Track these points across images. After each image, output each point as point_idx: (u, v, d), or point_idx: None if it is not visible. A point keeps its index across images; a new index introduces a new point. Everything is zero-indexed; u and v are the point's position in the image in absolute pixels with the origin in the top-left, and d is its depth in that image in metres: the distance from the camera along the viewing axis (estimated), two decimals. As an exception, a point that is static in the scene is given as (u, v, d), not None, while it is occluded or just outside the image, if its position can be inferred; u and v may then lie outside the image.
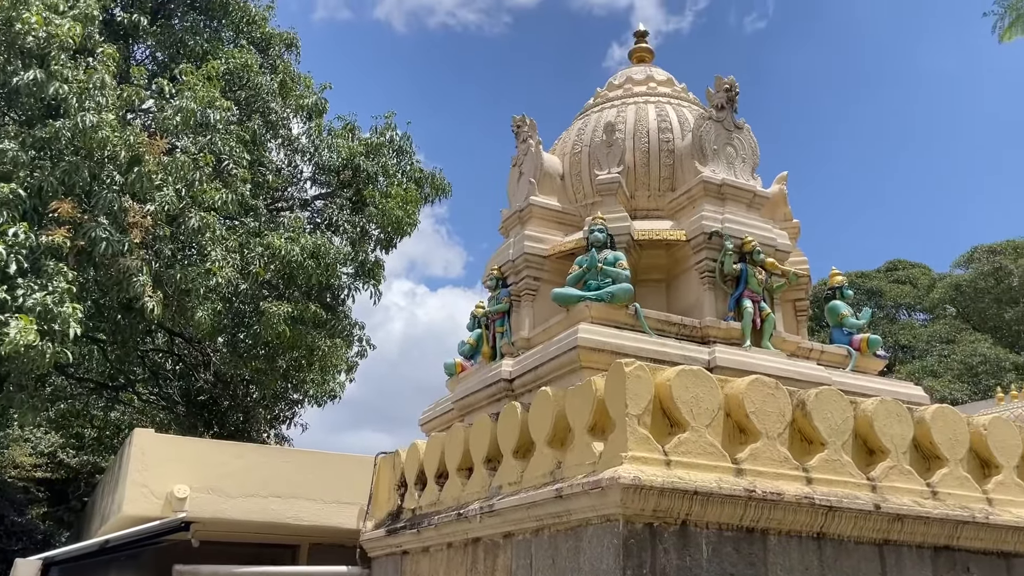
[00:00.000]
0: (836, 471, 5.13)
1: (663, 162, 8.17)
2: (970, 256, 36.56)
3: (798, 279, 7.58)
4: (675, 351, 6.49)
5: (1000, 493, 5.66)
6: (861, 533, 5.01)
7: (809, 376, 6.80)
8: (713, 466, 4.72)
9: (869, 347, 7.68)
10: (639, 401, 4.72)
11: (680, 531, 4.50)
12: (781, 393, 5.20)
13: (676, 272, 7.74)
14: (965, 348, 30.81)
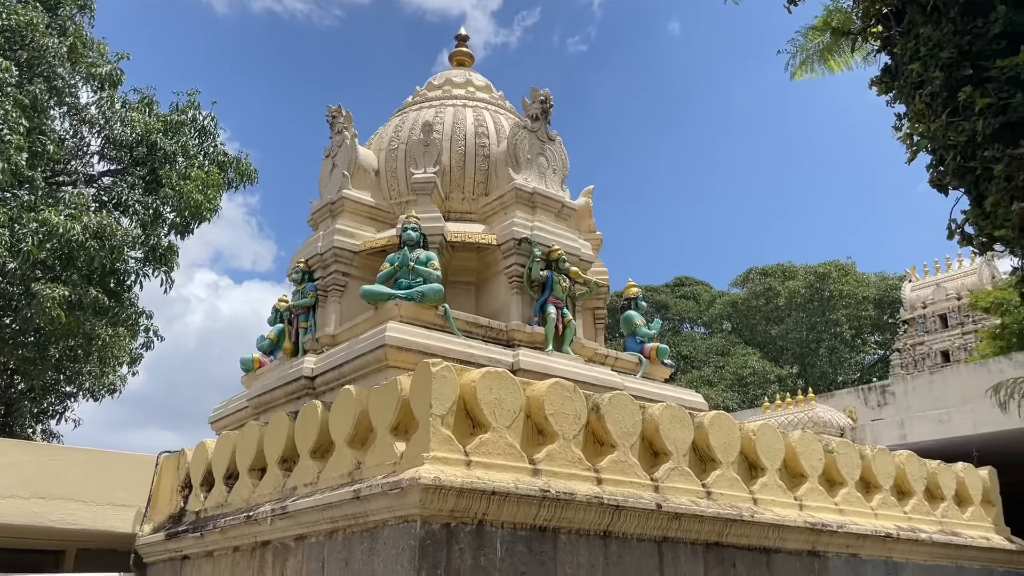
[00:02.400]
0: (624, 472, 5.37)
1: (479, 166, 8.27)
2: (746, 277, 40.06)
3: (599, 288, 7.93)
4: (481, 353, 6.56)
5: (764, 493, 6.17)
6: (644, 531, 5.26)
7: (604, 381, 7.11)
8: (512, 466, 4.79)
9: (658, 355, 8.17)
10: (444, 401, 4.71)
11: (476, 531, 4.53)
12: (578, 396, 5.37)
13: (486, 275, 7.85)
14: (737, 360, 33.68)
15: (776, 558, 6.08)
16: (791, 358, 36.48)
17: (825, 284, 35.49)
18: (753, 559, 5.94)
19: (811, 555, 6.26)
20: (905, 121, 3.91)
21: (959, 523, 7.78)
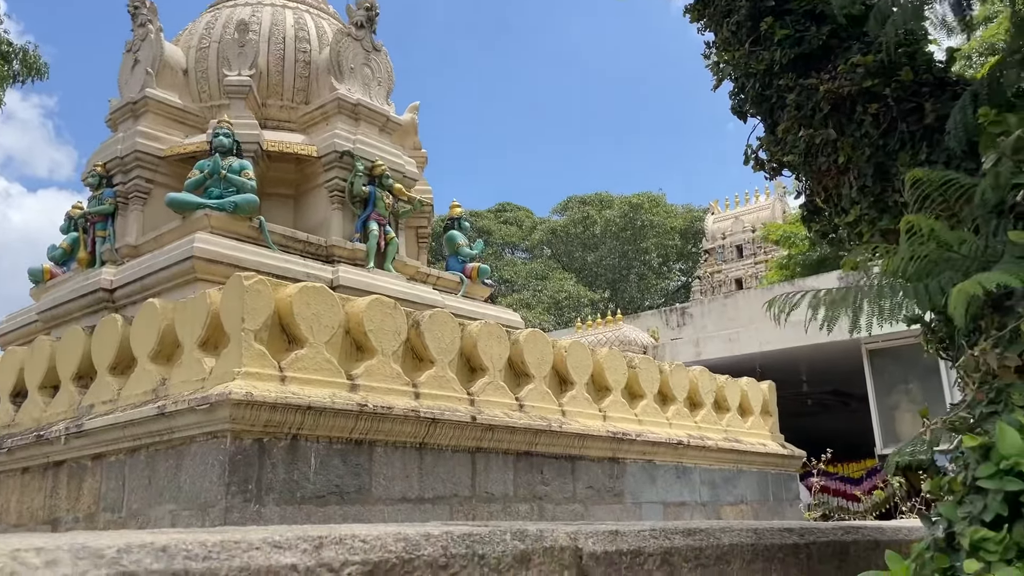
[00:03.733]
0: (442, 386, 5.46)
1: (299, 72, 7.85)
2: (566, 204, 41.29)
3: (423, 206, 7.88)
4: (299, 268, 6.37)
5: (572, 405, 6.51)
6: (459, 442, 5.41)
7: (426, 299, 7.14)
8: (329, 382, 4.74)
9: (479, 275, 8.30)
10: (257, 316, 4.55)
11: (290, 445, 4.47)
12: (399, 313, 5.37)
13: (305, 188, 7.56)
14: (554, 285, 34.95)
15: (580, 465, 6.46)
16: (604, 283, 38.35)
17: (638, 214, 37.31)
18: (560, 466, 6.28)
19: (612, 461, 6.71)
20: (713, 49, 4.10)
21: (741, 431, 8.60)
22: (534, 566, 1.85)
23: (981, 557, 1.83)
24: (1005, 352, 1.95)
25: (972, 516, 1.91)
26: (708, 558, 2.32)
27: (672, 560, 2.21)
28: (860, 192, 3.14)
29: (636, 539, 2.18)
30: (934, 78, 3.12)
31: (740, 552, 2.44)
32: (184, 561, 1.25)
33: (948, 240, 2.25)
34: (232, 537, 1.36)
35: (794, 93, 3.28)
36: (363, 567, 1.48)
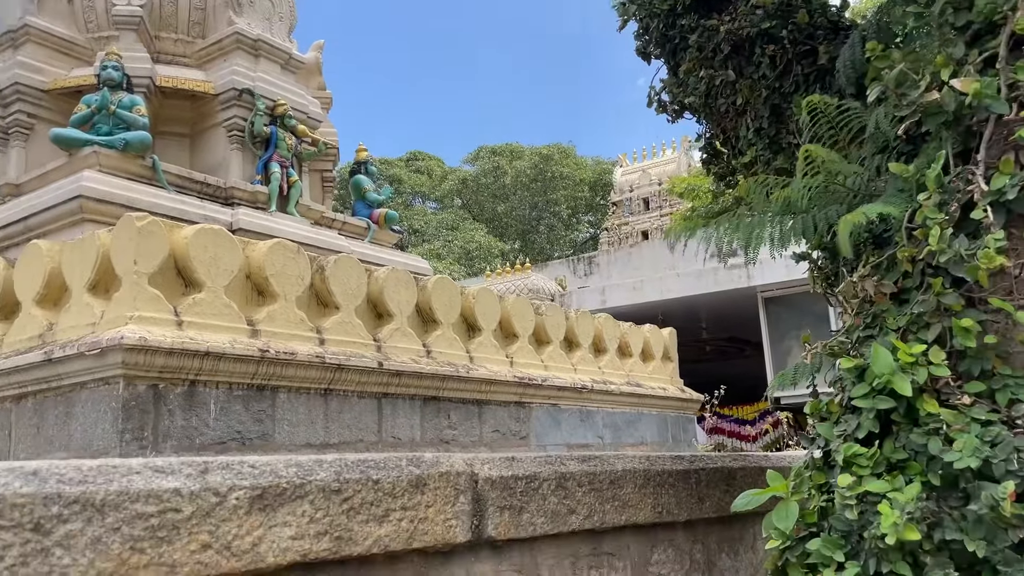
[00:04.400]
0: (348, 332, 5.40)
1: (194, 4, 7.46)
2: (476, 155, 40.99)
3: (328, 149, 7.67)
4: (196, 210, 6.13)
5: (480, 351, 6.55)
6: (365, 388, 5.38)
7: (331, 244, 7.01)
8: (228, 327, 4.62)
9: (387, 221, 8.18)
10: (151, 259, 4.37)
11: (188, 392, 4.35)
12: (302, 258, 5.25)
13: (202, 127, 7.25)
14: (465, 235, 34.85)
15: (487, 409, 6.54)
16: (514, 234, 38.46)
17: (548, 166, 37.39)
18: (467, 411, 6.34)
19: (518, 406, 6.81)
20: (620, -10, 4.11)
21: (643, 376, 8.86)
22: (430, 491, 1.86)
23: (854, 472, 1.95)
24: (882, 280, 2.05)
25: (846, 434, 2.02)
26: (602, 483, 2.39)
27: (567, 484, 2.27)
28: (756, 133, 3.22)
29: (532, 465, 2.22)
30: (828, 22, 3.20)
31: (632, 477, 2.52)
32: (57, 485, 1.20)
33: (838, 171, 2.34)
34: (111, 463, 1.31)
35: (696, 34, 3.32)
36: (251, 491, 1.46)
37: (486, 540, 2.02)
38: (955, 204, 1.97)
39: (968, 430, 1.82)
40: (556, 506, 2.24)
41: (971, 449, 1.78)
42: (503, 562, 2.11)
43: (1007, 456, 1.77)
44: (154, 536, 1.36)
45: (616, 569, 2.49)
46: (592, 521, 2.35)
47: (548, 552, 2.29)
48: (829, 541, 1.97)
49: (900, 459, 1.96)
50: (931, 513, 1.84)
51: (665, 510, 2.63)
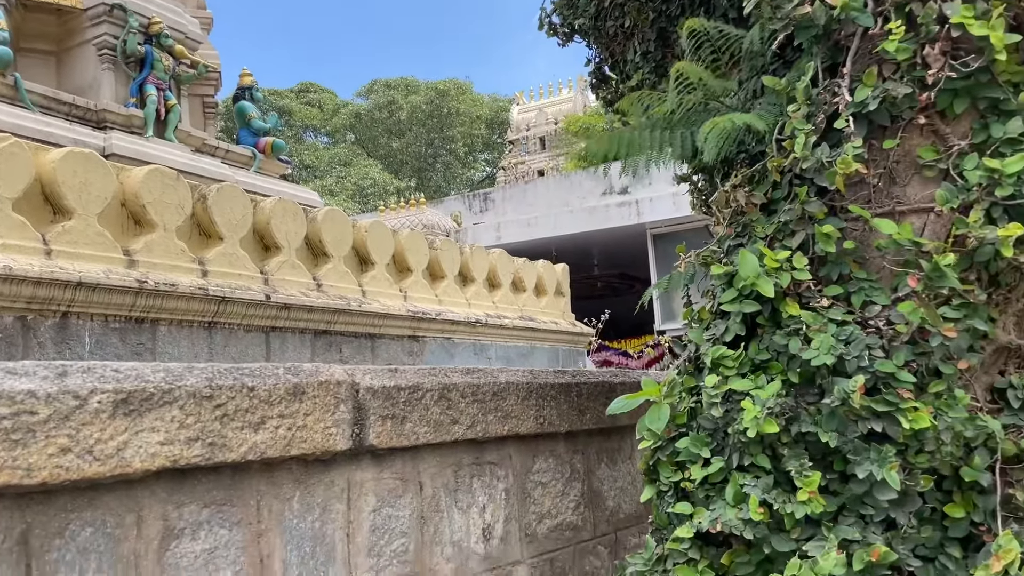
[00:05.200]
0: (232, 264, 5.24)
1: (55, -91, 6.86)
2: (370, 88, 39.85)
3: (208, 72, 7.28)
4: (64, 133, 5.75)
5: (373, 285, 6.49)
6: (252, 322, 5.26)
7: (213, 173, 6.72)
8: (103, 256, 4.40)
9: (274, 150, 7.89)
10: (14, 183, 4.09)
11: (60, 324, 4.14)
12: (182, 186, 5.03)
13: (70, 45, 6.74)
14: (359, 171, 34.06)
15: (381, 343, 6.52)
16: (410, 171, 37.87)
17: (444, 101, 36.78)
18: (359, 344, 6.30)
19: (412, 339, 6.82)
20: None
21: (536, 311, 9.00)
22: (308, 399, 1.85)
23: (720, 372, 2.05)
24: (753, 190, 2.14)
25: (715, 338, 2.11)
26: (485, 394, 2.43)
27: (450, 395, 2.29)
28: (643, 57, 3.26)
29: (415, 376, 2.23)
30: (714, -57, 3.23)
31: (515, 389, 2.58)
32: None
33: (715, 89, 2.40)
34: (-42, 365, 1.23)
35: (586, -45, 3.31)
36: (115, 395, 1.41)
37: (367, 448, 2.03)
38: (822, 116, 2.05)
39: (825, 330, 1.94)
40: (439, 416, 2.26)
41: (827, 347, 1.90)
42: (385, 470, 2.13)
43: (859, 353, 1.90)
44: (7, 439, 1.30)
45: (498, 478, 2.56)
46: (475, 431, 2.39)
47: (431, 461, 2.32)
48: (697, 439, 2.08)
49: (764, 360, 2.07)
50: (789, 408, 1.95)
51: (547, 422, 2.70)
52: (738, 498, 1.92)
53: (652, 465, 2.15)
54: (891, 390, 1.85)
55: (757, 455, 1.95)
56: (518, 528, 2.61)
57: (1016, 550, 1.74)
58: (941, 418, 1.84)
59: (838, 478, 1.92)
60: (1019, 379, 2.01)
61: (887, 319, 1.93)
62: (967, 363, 1.91)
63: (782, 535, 1.90)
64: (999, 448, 1.92)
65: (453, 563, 2.34)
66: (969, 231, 1.85)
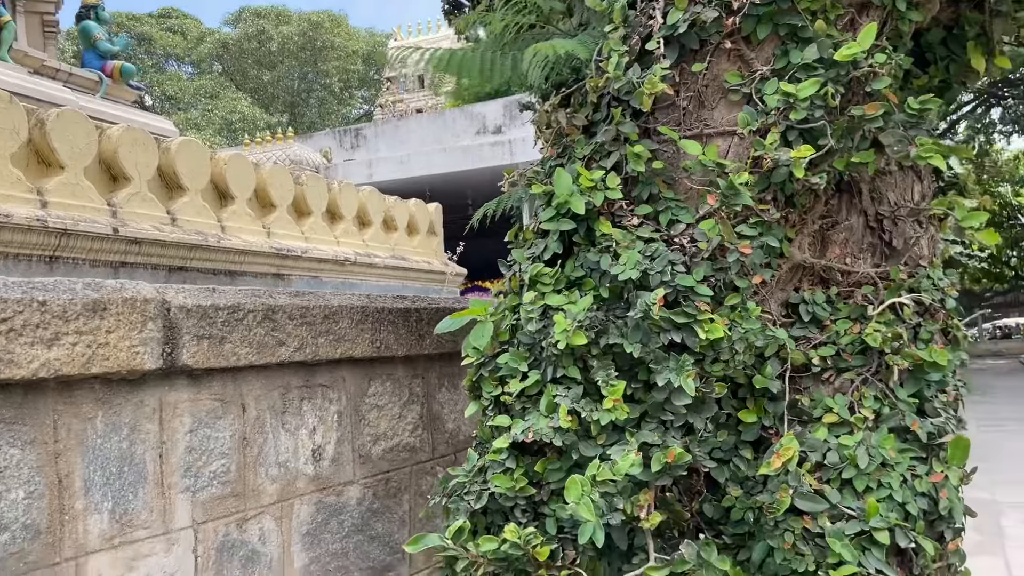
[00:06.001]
0: (76, 195, 4.93)
1: None
2: (238, 16, 37.69)
3: (42, -14, 6.71)
4: None
5: (233, 221, 6.26)
6: (99, 256, 4.99)
7: (54, 97, 6.25)
8: (-79, 182, 4.05)
9: (122, 75, 7.39)
10: None
11: None
12: (16, 109, 4.65)
13: None
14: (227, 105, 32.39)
15: (242, 280, 6.33)
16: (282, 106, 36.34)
17: (318, 33, 35.30)
18: (219, 282, 6.10)
19: (276, 277, 6.65)
20: None
21: (408, 250, 8.94)
22: (111, 316, 1.77)
23: (538, 289, 2.11)
24: (574, 112, 2.18)
25: (535, 256, 2.17)
26: (315, 317, 2.41)
27: (275, 317, 2.26)
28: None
29: (235, 296, 2.18)
30: None
31: (349, 313, 2.56)
32: None
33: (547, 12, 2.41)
34: None
35: None
36: None
37: (181, 368, 1.98)
38: (636, 38, 2.10)
39: (633, 247, 2.02)
40: (263, 337, 2.23)
41: (632, 263, 1.98)
42: (202, 391, 2.08)
43: (662, 269, 1.99)
44: None
45: (331, 400, 2.56)
46: (304, 354, 2.37)
47: (255, 383, 2.29)
48: (516, 355, 2.14)
49: (579, 277, 2.14)
50: (599, 322, 2.04)
51: (384, 346, 2.71)
52: (550, 408, 2.00)
53: (476, 381, 2.21)
54: (690, 303, 1.96)
55: (569, 367, 2.03)
56: (351, 450, 2.63)
57: (795, 448, 1.90)
58: (735, 329, 1.96)
59: (642, 387, 2.03)
60: (811, 295, 2.17)
61: (691, 237, 2.03)
62: (761, 278, 2.04)
63: (589, 441, 2.00)
64: (789, 358, 2.08)
65: (279, 483, 2.34)
66: (766, 153, 1.95)
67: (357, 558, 2.65)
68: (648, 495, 1.93)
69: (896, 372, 2.05)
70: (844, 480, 1.95)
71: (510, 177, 2.32)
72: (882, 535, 1.87)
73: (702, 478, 2.10)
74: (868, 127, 1.97)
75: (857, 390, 2.06)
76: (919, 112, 1.98)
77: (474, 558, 2.06)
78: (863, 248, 2.24)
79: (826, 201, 2.24)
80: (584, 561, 2.01)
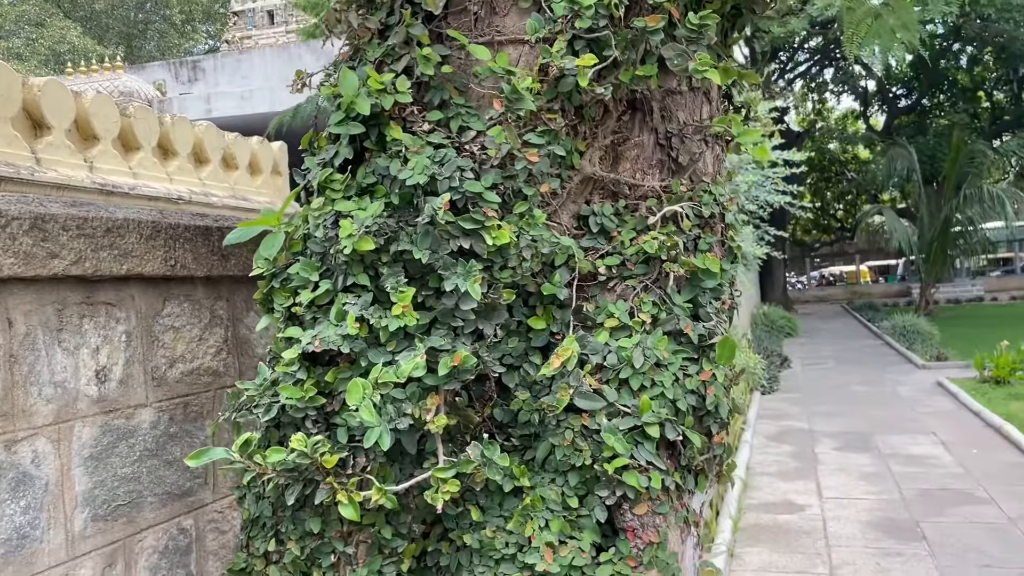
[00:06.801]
0: None
1: None
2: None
3: None
4: None
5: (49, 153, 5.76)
6: None
7: None
8: None
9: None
10: None
11: None
12: None
13: None
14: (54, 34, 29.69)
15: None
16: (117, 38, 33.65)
17: (158, -39, 32.80)
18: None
19: (94, 210, 6.23)
20: None
21: (250, 190, 8.58)
22: None
23: (327, 196, 2.06)
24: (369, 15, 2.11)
25: (325, 162, 2.11)
26: (95, 229, 2.25)
27: (46, 227, 2.10)
28: None
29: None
30: None
31: (138, 227, 2.42)
32: None
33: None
34: None
35: None
36: None
37: (-73, 276, 1.80)
38: (427, -62, 2.07)
39: (423, 152, 2.01)
40: (32, 248, 2.06)
41: (421, 168, 1.97)
42: (-45, 302, 1.91)
43: (451, 174, 1.99)
44: None
45: (118, 320, 2.42)
46: (83, 268, 2.21)
47: (24, 296, 2.12)
48: (307, 264, 2.09)
49: (370, 183, 2.11)
50: (390, 229, 2.02)
51: (180, 264, 2.58)
52: (340, 317, 1.98)
53: (267, 294, 2.14)
54: (478, 209, 1.97)
55: (359, 274, 2.00)
56: (143, 372, 2.51)
57: (573, 349, 1.97)
58: (523, 236, 2.00)
59: (433, 295, 2.03)
60: (600, 207, 2.24)
61: (482, 144, 2.03)
62: (549, 187, 2.08)
63: (380, 349, 1.99)
64: (577, 267, 2.14)
65: (55, 404, 2.20)
66: (552, 61, 1.98)
67: (151, 483, 2.54)
68: (435, 399, 1.96)
69: (672, 279, 2.15)
70: (621, 380, 2.05)
71: (301, 79, 2.23)
72: (653, 429, 1.98)
73: (494, 384, 2.14)
74: (651, 40, 2.02)
75: (638, 296, 2.16)
76: (699, 28, 2.05)
77: (262, 470, 2.02)
78: (652, 164, 2.33)
79: (618, 117, 2.30)
80: (375, 468, 2.02)
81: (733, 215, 2.31)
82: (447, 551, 2.09)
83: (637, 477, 1.98)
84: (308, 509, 2.07)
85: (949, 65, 30.31)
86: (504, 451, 2.13)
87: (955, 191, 22.83)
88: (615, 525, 2.06)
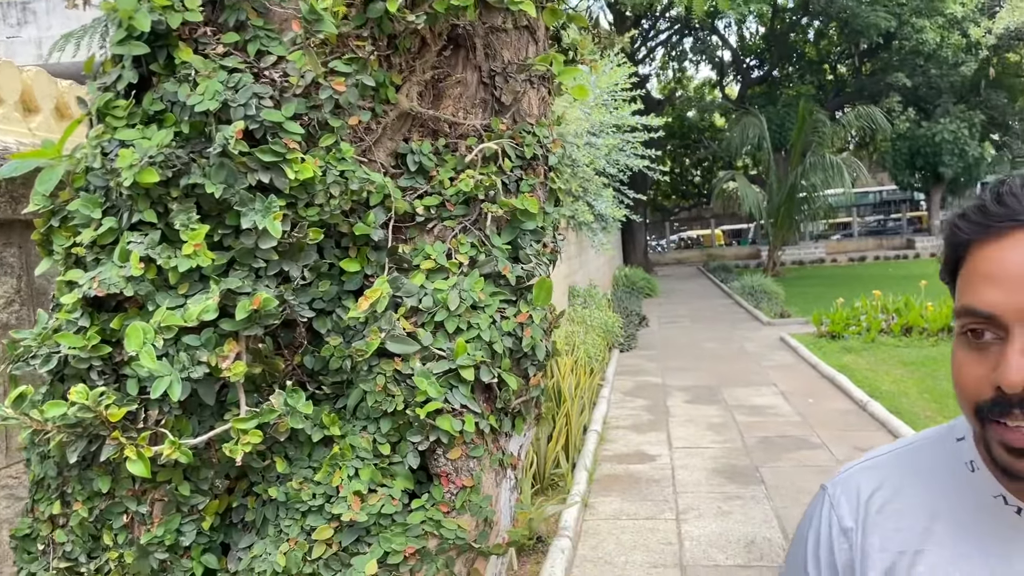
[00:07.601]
0: None
1: None
2: None
3: None
4: None
5: None
6: None
7: None
8: None
9: None
10: None
11: None
12: None
13: None
14: None
15: None
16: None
17: None
18: None
19: None
20: None
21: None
22: None
23: (108, 124, 1.87)
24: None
25: (106, 87, 1.91)
26: None
27: None
28: None
29: None
30: None
31: None
32: None
33: None
34: None
35: None
36: None
37: None
38: None
39: (215, 76, 1.85)
40: None
41: (212, 93, 1.81)
42: None
43: (246, 101, 1.84)
44: None
45: None
46: None
47: None
48: (89, 199, 1.90)
49: (159, 111, 1.92)
50: (181, 161, 1.85)
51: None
52: (124, 257, 1.80)
53: (46, 234, 1.93)
54: (278, 140, 1.83)
55: (145, 210, 1.83)
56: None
57: (383, 291, 1.88)
58: (329, 171, 1.88)
59: (232, 233, 1.89)
60: (418, 145, 2.14)
61: (283, 71, 1.89)
62: (358, 119, 1.96)
63: (170, 292, 1.84)
64: (394, 207, 2.04)
65: None
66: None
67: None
68: (233, 345, 1.82)
69: (491, 220, 2.10)
70: (437, 323, 1.98)
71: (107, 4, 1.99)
72: (468, 372, 1.93)
73: (304, 330, 2.03)
74: (465, -33, 1.94)
75: (456, 238, 2.09)
76: (516, -43, 1.98)
77: (41, 426, 1.83)
78: (476, 103, 2.25)
79: (439, 52, 2.20)
80: (170, 421, 1.87)
81: (557, 158, 2.27)
82: (252, 506, 1.97)
83: (451, 421, 1.92)
84: (96, 467, 1.90)
85: (798, 38, 31.90)
86: (316, 400, 2.03)
87: (801, 159, 24.16)
88: (430, 471, 2.01)
